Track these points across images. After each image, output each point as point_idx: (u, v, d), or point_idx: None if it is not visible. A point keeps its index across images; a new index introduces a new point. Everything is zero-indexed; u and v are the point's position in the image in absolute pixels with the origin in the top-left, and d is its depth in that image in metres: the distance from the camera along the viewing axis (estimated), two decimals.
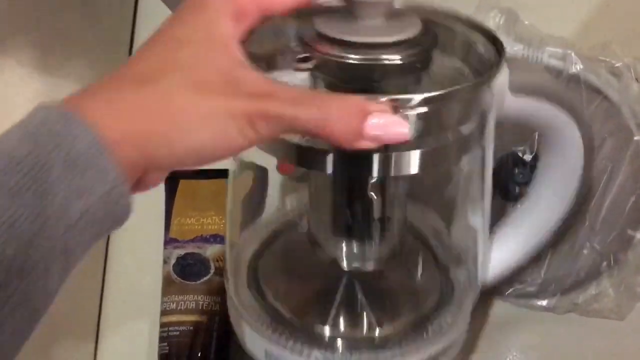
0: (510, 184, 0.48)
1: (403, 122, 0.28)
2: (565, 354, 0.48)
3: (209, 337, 0.46)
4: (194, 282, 0.48)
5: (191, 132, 0.26)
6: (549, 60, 0.48)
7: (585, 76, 0.47)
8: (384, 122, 0.27)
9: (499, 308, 0.49)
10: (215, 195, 0.51)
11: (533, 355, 0.48)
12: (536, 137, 0.48)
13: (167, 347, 0.46)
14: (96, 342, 0.51)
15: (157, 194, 0.52)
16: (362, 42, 0.31)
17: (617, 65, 0.48)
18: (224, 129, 0.26)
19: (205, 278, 0.48)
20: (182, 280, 0.48)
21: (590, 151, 0.40)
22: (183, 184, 0.52)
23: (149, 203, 0.48)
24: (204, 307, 0.47)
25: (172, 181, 0.53)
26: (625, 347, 0.48)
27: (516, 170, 0.48)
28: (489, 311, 0.49)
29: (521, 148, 0.49)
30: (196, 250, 0.50)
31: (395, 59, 0.32)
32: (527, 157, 0.48)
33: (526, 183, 0.48)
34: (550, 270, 0.47)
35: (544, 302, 0.48)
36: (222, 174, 0.47)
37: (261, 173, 0.44)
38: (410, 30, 0.33)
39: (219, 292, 0.47)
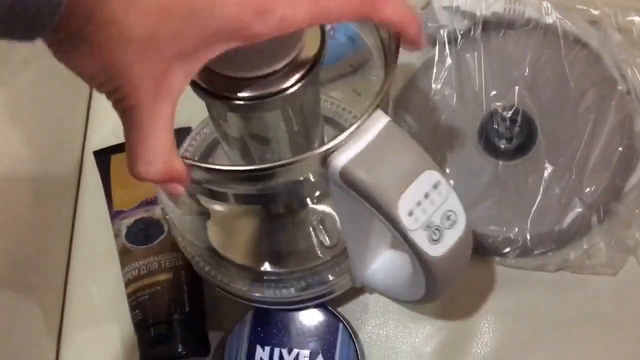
0: (496, 140, 0.47)
1: None
2: (540, 318, 0.46)
3: (180, 291, 0.45)
4: (151, 245, 0.47)
5: None
6: (531, 14, 0.48)
7: (563, 25, 0.46)
8: None
9: (478, 268, 0.47)
10: None
11: (507, 319, 0.46)
12: (516, 90, 0.47)
13: (140, 313, 0.45)
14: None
15: None
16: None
17: (595, 13, 0.47)
18: None
19: (161, 237, 0.47)
20: (138, 247, 0.47)
21: None
22: (114, 159, 0.52)
23: None
24: (167, 265, 0.46)
25: (103, 159, 0.52)
26: (604, 311, 0.45)
27: (499, 127, 0.47)
28: (471, 271, 0.47)
29: (499, 104, 0.47)
30: (145, 215, 0.48)
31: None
32: (507, 113, 0.47)
33: (511, 138, 0.47)
34: (537, 226, 0.45)
35: (534, 261, 0.46)
36: None
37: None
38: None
39: (179, 247, 0.45)
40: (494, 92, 0.47)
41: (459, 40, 0.48)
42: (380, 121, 0.29)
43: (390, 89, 0.32)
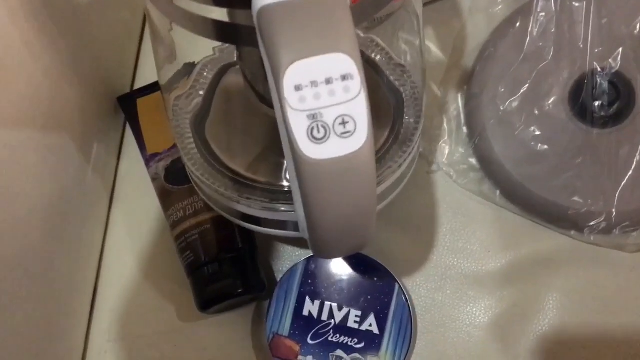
0: (591, 105, 0.43)
1: None
2: (609, 301, 0.42)
3: (230, 227, 0.42)
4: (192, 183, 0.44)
5: None
6: None
7: None
8: None
9: (551, 241, 0.44)
10: None
11: (575, 298, 0.43)
12: (620, 51, 0.42)
13: (192, 254, 0.42)
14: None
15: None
16: None
17: None
18: None
19: None
20: (180, 187, 0.44)
21: None
22: (141, 102, 0.48)
23: None
24: None
25: (129, 104, 0.49)
26: None
27: (596, 90, 0.43)
28: (543, 243, 0.44)
29: (600, 64, 0.43)
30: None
31: None
32: (607, 75, 0.43)
33: (609, 104, 0.42)
34: (625, 202, 0.42)
35: (614, 239, 0.42)
36: None
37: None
38: None
39: None
40: (597, 50, 0.42)
41: None
42: None
43: None
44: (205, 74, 0.42)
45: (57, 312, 0.42)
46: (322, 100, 0.23)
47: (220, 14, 0.27)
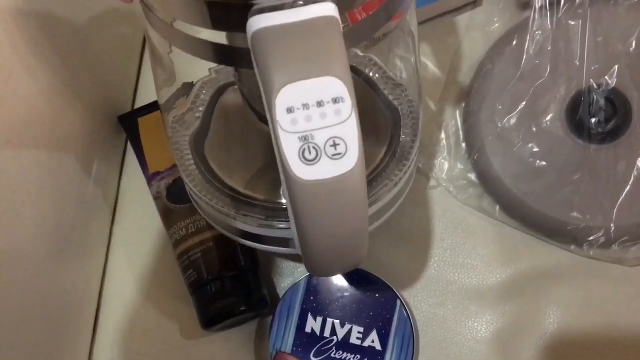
0: (588, 121, 0.43)
1: None
2: (610, 315, 0.43)
3: (233, 244, 0.43)
4: None
5: None
6: None
7: None
8: None
9: (551, 256, 0.44)
10: None
11: (575, 312, 0.43)
12: (616, 69, 0.43)
13: (195, 273, 0.42)
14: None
15: None
16: None
17: None
18: None
19: None
20: (182, 205, 0.44)
21: None
22: (142, 121, 0.49)
23: None
24: None
25: (130, 123, 0.49)
26: None
27: (592, 106, 0.43)
28: (542, 258, 0.44)
29: (597, 81, 0.43)
30: None
31: None
32: (604, 92, 0.43)
33: (605, 120, 0.43)
34: (624, 217, 0.42)
35: (613, 253, 0.43)
36: None
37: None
38: None
39: None
40: (593, 67, 0.42)
41: (562, 4, 0.43)
42: (324, 10, 0.24)
43: None
44: (203, 93, 0.42)
45: (61, 331, 0.42)
46: (314, 122, 0.24)
47: (218, 36, 0.28)
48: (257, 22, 0.24)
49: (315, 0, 0.24)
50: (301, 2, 0.24)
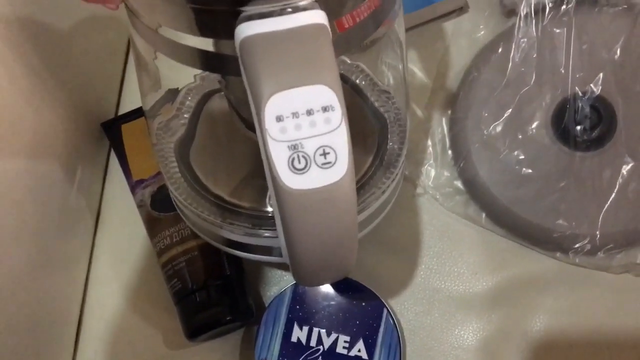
0: (573, 128, 0.43)
1: None
2: (596, 323, 0.43)
3: (218, 254, 0.42)
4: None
5: None
6: None
7: None
8: None
9: (537, 263, 0.44)
10: None
11: (561, 320, 0.43)
12: (601, 76, 0.43)
13: (179, 282, 0.42)
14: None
15: None
16: None
17: None
18: None
19: None
20: (166, 214, 0.44)
21: None
22: (125, 128, 0.48)
23: None
24: None
25: (113, 130, 0.49)
26: None
27: (578, 114, 0.43)
28: (529, 265, 0.44)
29: (582, 88, 0.43)
30: None
31: None
32: (589, 99, 0.43)
33: (591, 127, 0.43)
34: (609, 224, 0.42)
35: (599, 260, 0.43)
36: None
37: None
38: None
39: None
40: (578, 75, 0.42)
41: (547, 12, 0.43)
42: (314, 17, 0.24)
43: None
44: (189, 100, 0.42)
45: (42, 341, 0.41)
46: (303, 131, 0.24)
47: (205, 43, 0.28)
48: (245, 29, 0.24)
49: (304, 7, 0.24)
50: (290, 10, 0.24)
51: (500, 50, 0.45)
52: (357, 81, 0.42)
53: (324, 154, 0.24)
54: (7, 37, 0.37)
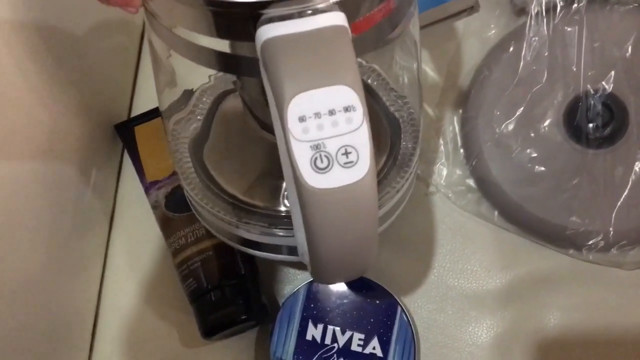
0: (585, 126, 0.43)
1: None
2: (610, 319, 0.43)
3: (232, 253, 0.42)
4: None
5: None
6: None
7: None
8: None
9: (550, 260, 0.44)
10: None
11: (575, 316, 0.43)
12: (612, 74, 0.43)
13: (194, 282, 0.42)
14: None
15: None
16: None
17: None
18: None
19: None
20: (181, 214, 0.44)
21: None
22: (138, 130, 0.49)
23: None
24: None
25: (126, 132, 0.49)
26: None
27: (590, 112, 0.43)
28: (541, 262, 0.45)
29: (594, 86, 0.43)
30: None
31: None
32: (601, 97, 0.43)
33: (603, 125, 0.43)
34: (622, 221, 0.42)
35: (612, 257, 0.43)
36: None
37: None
38: None
39: None
40: (590, 73, 0.43)
41: (558, 10, 0.43)
42: (334, 19, 0.24)
43: None
44: (204, 99, 0.42)
45: (58, 342, 0.42)
46: (325, 131, 0.24)
47: (221, 44, 0.28)
48: (267, 32, 0.24)
49: (323, 9, 0.24)
50: (310, 12, 0.24)
51: (511, 49, 0.45)
52: (370, 81, 0.42)
53: (346, 154, 0.24)
54: (24, 43, 0.37)
